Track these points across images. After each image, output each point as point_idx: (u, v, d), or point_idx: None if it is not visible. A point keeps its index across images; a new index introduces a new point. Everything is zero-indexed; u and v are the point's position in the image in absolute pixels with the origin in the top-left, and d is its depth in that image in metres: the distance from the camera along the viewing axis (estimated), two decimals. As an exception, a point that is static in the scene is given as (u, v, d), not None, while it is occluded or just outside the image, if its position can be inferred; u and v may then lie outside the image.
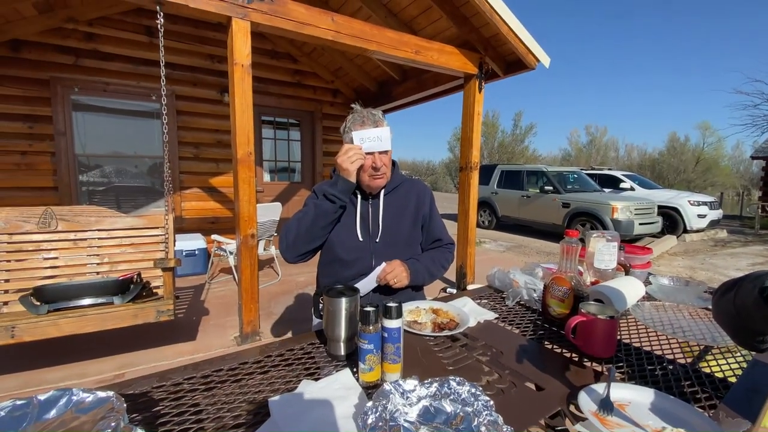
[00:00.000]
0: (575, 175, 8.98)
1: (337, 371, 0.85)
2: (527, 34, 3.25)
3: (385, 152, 1.29)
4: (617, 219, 6.86)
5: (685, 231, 8.13)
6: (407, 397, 0.65)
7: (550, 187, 8.14)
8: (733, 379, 0.87)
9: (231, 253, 3.82)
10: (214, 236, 3.99)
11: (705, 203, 8.28)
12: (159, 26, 2.26)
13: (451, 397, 0.64)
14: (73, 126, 4.17)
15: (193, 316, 3.10)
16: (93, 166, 4.47)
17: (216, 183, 4.96)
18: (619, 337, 1.07)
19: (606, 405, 0.72)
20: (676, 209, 8.13)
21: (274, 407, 0.70)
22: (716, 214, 8.58)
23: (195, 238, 4.37)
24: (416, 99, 4.81)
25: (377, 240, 1.37)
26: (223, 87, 4.77)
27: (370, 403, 0.64)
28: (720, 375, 0.90)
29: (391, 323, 0.79)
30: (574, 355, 0.96)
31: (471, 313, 1.17)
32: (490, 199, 9.58)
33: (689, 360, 1.01)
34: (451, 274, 4.12)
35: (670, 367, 0.92)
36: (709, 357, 1.00)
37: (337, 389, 0.78)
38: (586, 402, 0.72)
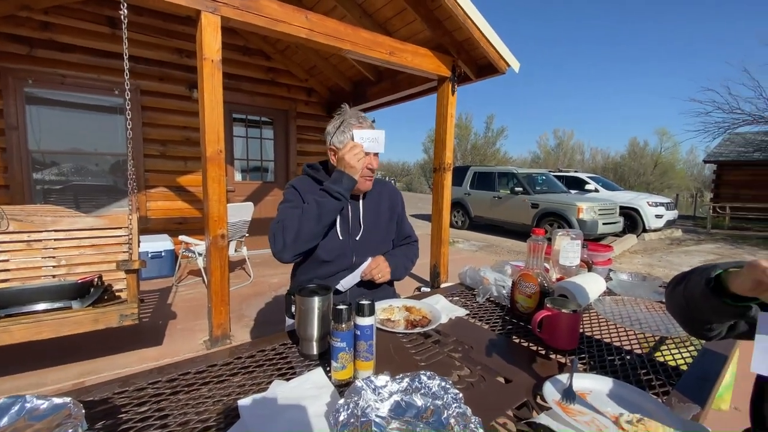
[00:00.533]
0: (543, 177, 9.31)
1: (309, 371, 0.84)
2: (498, 39, 3.34)
3: (376, 155, 1.32)
4: (582, 219, 7.17)
5: (644, 230, 8.62)
6: (379, 393, 0.66)
7: (520, 189, 8.39)
8: (684, 368, 0.94)
9: (200, 254, 3.70)
10: (181, 237, 3.84)
11: (662, 204, 8.82)
12: (122, 17, 2.16)
13: (422, 392, 0.65)
14: (27, 120, 3.90)
15: (159, 321, 2.97)
16: (49, 163, 4.20)
17: (184, 182, 4.78)
18: (582, 330, 1.13)
19: (569, 394, 0.76)
20: (636, 210, 8.60)
21: (243, 409, 0.69)
22: (672, 214, 9.15)
23: (161, 239, 4.19)
24: (391, 100, 4.84)
25: (357, 238, 1.38)
26: (192, 83, 4.61)
27: (342, 401, 0.64)
28: (673, 364, 0.96)
29: (364, 321, 0.79)
30: (540, 348, 1.00)
31: (443, 310, 1.20)
32: (463, 199, 9.76)
33: (646, 350, 1.07)
34: (425, 272, 4.17)
35: (628, 357, 0.98)
36: (663, 347, 1.07)
37: (309, 388, 0.78)
38: (550, 392, 0.76)
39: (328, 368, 0.84)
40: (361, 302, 0.80)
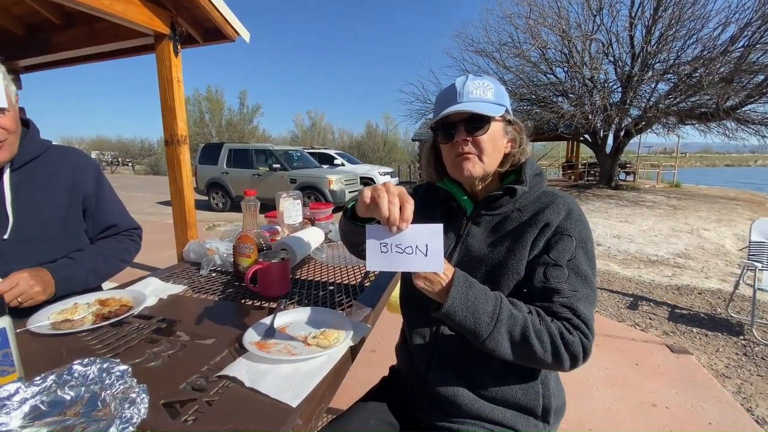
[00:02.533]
0: (299, 154, 9.91)
1: None
2: (222, 2, 3.12)
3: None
4: (333, 189, 8.13)
5: (378, 195, 10.93)
6: (3, 405, 0.50)
7: (278, 165, 8.60)
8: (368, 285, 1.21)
9: None
10: None
11: (388, 173, 11.65)
12: None
13: (72, 383, 0.54)
14: None
15: None
16: None
17: None
18: (299, 276, 1.26)
19: (269, 332, 0.82)
20: (371, 178, 10.74)
21: None
22: (395, 180, 11.97)
23: None
24: (92, 54, 3.74)
25: (5, 237, 0.99)
26: None
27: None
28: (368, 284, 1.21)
29: (-16, 326, 0.58)
30: (256, 301, 1.05)
31: (153, 293, 1.05)
32: (222, 179, 9.10)
33: (359, 279, 1.31)
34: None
35: (331, 287, 1.17)
36: (371, 274, 1.32)
37: None
38: (249, 336, 0.80)
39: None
40: (-24, 304, 0.58)
